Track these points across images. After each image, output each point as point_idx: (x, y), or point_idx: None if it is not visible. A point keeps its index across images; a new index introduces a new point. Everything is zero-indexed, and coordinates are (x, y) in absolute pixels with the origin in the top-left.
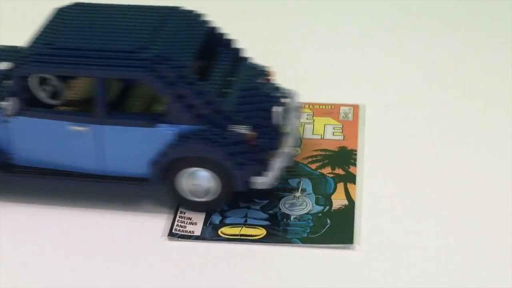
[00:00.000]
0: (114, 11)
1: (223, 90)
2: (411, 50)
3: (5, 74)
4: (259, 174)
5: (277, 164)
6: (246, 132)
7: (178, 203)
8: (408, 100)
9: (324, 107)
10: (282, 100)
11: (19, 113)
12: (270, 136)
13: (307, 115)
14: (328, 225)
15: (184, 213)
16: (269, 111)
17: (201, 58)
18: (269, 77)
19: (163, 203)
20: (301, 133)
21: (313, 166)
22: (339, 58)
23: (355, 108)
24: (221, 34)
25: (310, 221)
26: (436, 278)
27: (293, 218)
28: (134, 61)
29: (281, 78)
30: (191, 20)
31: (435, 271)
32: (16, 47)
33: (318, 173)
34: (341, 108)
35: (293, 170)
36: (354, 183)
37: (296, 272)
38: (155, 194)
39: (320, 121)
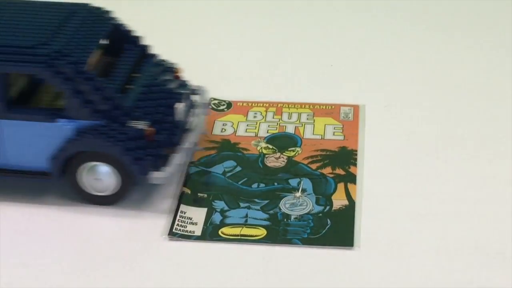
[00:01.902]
0: (20, 7)
1: (124, 86)
2: (411, 50)
3: None
4: (157, 169)
5: (176, 159)
6: (144, 128)
7: (80, 198)
8: (408, 100)
9: (324, 107)
10: (187, 96)
11: None
12: (171, 132)
13: (308, 115)
14: (328, 226)
15: (184, 213)
16: (171, 107)
17: (107, 54)
18: (177, 74)
19: (163, 203)
20: (206, 128)
21: (314, 166)
22: (339, 58)
23: (355, 108)
24: (128, 31)
25: (310, 221)
26: (436, 278)
27: (294, 218)
28: (33, 57)
29: (282, 78)
30: (97, 17)
31: (435, 271)
32: None
33: (318, 173)
34: (341, 108)
35: (293, 171)
36: (355, 183)
37: (296, 272)
38: (155, 193)
39: (320, 121)
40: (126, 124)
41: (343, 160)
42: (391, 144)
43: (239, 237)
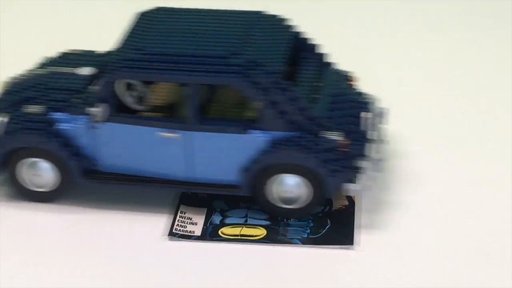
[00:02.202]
0: (198, 16)
1: (312, 96)
2: (416, 49)
3: (89, 79)
4: (351, 181)
5: (369, 171)
6: (339, 139)
7: (266, 211)
8: (411, 99)
9: None
10: (369, 105)
11: (107, 119)
12: (360, 142)
13: None
14: (328, 226)
15: (184, 213)
16: (357, 117)
17: (288, 63)
18: (352, 82)
19: (163, 203)
20: (387, 138)
21: None
22: (343, 58)
23: None
24: (306, 39)
25: (310, 221)
26: (436, 278)
27: (293, 218)
28: (227, 67)
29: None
30: (277, 25)
31: (436, 271)
32: (92, 51)
33: None
34: None
35: None
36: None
37: (296, 272)
38: (155, 193)
39: None
40: (319, 135)
41: None
42: (391, 143)
43: (239, 237)
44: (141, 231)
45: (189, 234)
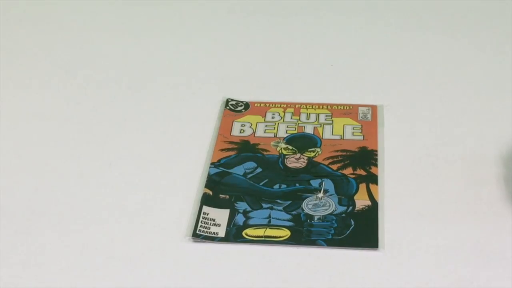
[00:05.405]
0: None
1: None
2: (430, 50)
3: None
4: None
5: None
6: None
7: None
8: (428, 99)
9: (342, 107)
10: None
11: None
12: None
13: (326, 115)
14: (352, 226)
15: (207, 214)
16: None
17: None
18: None
19: (186, 204)
20: None
21: (334, 166)
22: (355, 58)
23: (374, 108)
24: None
25: (334, 221)
26: (464, 281)
27: (317, 219)
28: None
29: (298, 79)
30: None
31: (462, 273)
32: None
33: (339, 174)
34: (360, 108)
35: (314, 172)
36: (376, 183)
37: (322, 274)
38: (177, 196)
39: (339, 122)
40: None
41: (364, 160)
42: (411, 144)
43: (263, 239)
44: (163, 233)
45: (213, 235)
